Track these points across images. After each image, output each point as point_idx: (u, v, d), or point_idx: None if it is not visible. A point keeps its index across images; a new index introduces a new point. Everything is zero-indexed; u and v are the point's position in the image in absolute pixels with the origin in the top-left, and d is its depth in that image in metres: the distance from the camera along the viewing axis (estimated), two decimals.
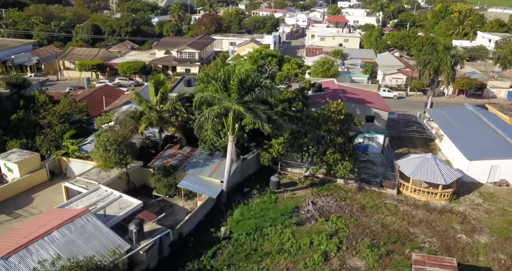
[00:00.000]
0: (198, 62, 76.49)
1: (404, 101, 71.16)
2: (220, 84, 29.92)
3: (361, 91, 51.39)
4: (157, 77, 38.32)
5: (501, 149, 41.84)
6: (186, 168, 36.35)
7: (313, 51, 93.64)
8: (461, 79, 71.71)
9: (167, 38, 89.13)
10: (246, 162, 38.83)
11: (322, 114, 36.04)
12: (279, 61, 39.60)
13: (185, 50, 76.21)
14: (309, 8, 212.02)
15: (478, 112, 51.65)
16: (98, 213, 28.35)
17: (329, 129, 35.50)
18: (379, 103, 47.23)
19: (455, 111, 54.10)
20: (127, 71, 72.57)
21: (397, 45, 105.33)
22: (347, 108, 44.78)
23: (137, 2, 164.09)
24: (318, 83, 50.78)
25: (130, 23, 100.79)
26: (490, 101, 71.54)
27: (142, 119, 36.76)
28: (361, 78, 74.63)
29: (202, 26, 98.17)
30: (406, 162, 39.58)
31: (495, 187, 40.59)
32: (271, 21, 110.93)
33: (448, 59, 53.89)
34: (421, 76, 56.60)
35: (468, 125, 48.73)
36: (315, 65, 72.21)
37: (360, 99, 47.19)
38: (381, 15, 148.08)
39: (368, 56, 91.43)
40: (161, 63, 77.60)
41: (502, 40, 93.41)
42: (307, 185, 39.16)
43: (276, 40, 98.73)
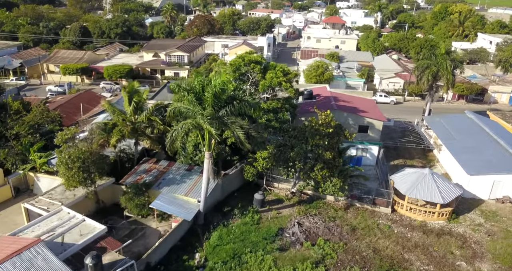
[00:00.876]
0: (187, 65, 73.46)
1: (402, 107, 68.15)
2: (192, 97, 26.92)
3: (355, 99, 48.38)
4: (131, 85, 35.31)
5: (504, 163, 38.84)
6: (161, 186, 33.33)
7: (308, 53, 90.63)
8: (461, 84, 68.71)
9: (156, 41, 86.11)
10: (228, 178, 35.82)
11: (309, 127, 33.00)
12: (264, 68, 36.56)
13: (174, 53, 73.18)
14: (307, 9, 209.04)
15: (479, 121, 48.65)
16: (55, 240, 25.36)
17: (317, 144, 32.46)
18: (373, 112, 44.22)
19: (454, 119, 51.09)
20: (112, 75, 69.56)
21: (395, 47, 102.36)
22: (339, 117, 42.05)
23: (131, 2, 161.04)
24: (309, 90, 47.79)
25: (120, 24, 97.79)
26: (491, 106, 68.60)
27: (113, 131, 33.75)
28: (357, 83, 71.61)
29: (194, 28, 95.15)
30: (401, 177, 36.56)
31: (497, 204, 37.60)
32: (266, 22, 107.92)
33: (447, 64, 50.86)
34: (419, 82, 53.55)
35: (469, 135, 45.72)
36: (309, 69, 69.27)
37: (353, 107, 44.18)
38: (380, 16, 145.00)
39: (365, 59, 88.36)
40: (149, 67, 74.59)
41: (503, 42, 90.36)
42: (294, 203, 36.15)
43: (270, 42, 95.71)
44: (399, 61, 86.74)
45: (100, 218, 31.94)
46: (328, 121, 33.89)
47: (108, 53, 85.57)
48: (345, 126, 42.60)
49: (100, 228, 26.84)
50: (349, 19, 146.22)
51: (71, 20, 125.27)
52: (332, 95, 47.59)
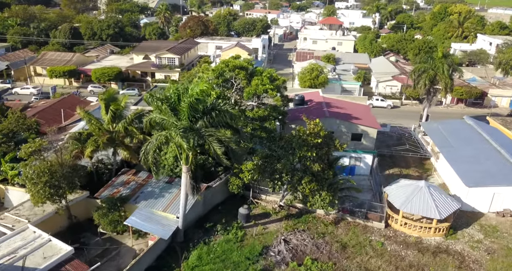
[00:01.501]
0: (178, 68, 71.33)
1: (399, 111, 66.04)
2: (166, 107, 24.79)
3: (349, 104, 46.25)
4: (109, 92, 33.15)
5: (505, 173, 36.71)
6: (138, 200, 31.21)
7: (304, 55, 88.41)
8: (460, 87, 66.60)
9: (147, 42, 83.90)
10: (211, 190, 33.69)
11: (296, 137, 30.86)
12: (250, 74, 34.42)
13: (164, 56, 71.04)
14: (305, 9, 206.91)
15: (478, 127, 46.52)
16: (16, 264, 23.25)
17: (304, 156, 30.32)
18: (367, 119, 42.09)
19: (453, 125, 48.96)
20: (100, 78, 67.42)
21: (393, 49, 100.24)
22: (331, 125, 40.01)
23: (126, 2, 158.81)
24: (300, 95, 45.67)
25: (112, 25, 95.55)
26: (492, 111, 66.50)
27: (88, 142, 31.63)
28: (353, 86, 69.46)
29: (187, 29, 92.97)
30: (396, 190, 34.42)
31: (498, 218, 35.49)
32: (261, 23, 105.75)
33: (445, 68, 48.74)
34: (416, 86, 51.44)
35: (467, 143, 43.60)
36: (303, 72, 67.13)
37: (346, 114, 42.04)
38: (378, 16, 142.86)
39: (361, 61, 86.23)
40: (139, 69, 72.47)
41: (503, 44, 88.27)
42: (282, 217, 34.03)
43: (265, 44, 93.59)
44: (397, 64, 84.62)
45: (72, 235, 29.93)
46: (317, 130, 31.74)
47: (98, 55, 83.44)
48: (337, 134, 40.80)
49: (66, 250, 24.73)
50: (347, 20, 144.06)
51: (64, 21, 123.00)
52: (325, 101, 45.46)
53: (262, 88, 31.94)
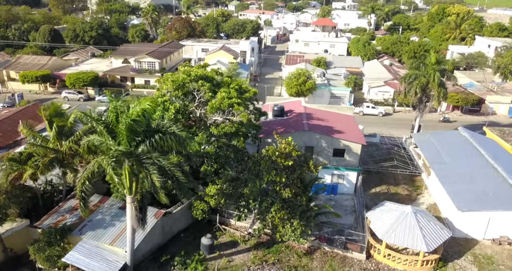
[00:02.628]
0: (158, 73, 67.53)
1: (391, 119, 62.24)
2: (102, 128, 21.07)
3: (332, 116, 42.51)
4: (53, 107, 29.37)
5: (502, 196, 32.96)
6: (85, 230, 27.46)
7: (294, 59, 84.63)
8: (455, 93, 62.86)
9: (129, 45, 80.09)
10: (171, 217, 29.94)
11: (265, 159, 27.09)
12: (216, 85, 30.65)
13: (144, 60, 67.27)
14: (301, 9, 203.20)
15: (473, 140, 42.73)
16: None
17: (273, 180, 26.56)
18: (351, 133, 38.32)
19: (446, 137, 45.24)
20: (75, 84, 63.66)
21: (388, 52, 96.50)
22: (310, 140, 36.36)
23: (117, 3, 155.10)
24: (280, 106, 41.90)
25: (95, 27, 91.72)
26: (489, 118, 62.75)
27: (28, 163, 27.88)
28: (342, 92, 65.71)
29: (173, 31, 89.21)
30: (379, 215, 30.67)
31: (493, 246, 31.75)
32: (251, 25, 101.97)
33: (436, 76, 44.98)
34: (407, 94, 47.71)
35: (461, 158, 39.86)
36: (290, 78, 63.40)
37: (328, 127, 38.29)
38: (374, 17, 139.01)
39: (354, 65, 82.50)
40: (117, 74, 68.70)
41: (502, 47, 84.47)
42: (251, 246, 30.31)
43: (254, 46, 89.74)
44: (391, 68, 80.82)
45: None
46: (289, 150, 27.98)
47: (78, 59, 79.68)
48: (318, 150, 37.17)
49: None
50: (342, 21, 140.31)
51: (50, 22, 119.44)
52: (306, 112, 41.71)
53: (228, 103, 28.13)
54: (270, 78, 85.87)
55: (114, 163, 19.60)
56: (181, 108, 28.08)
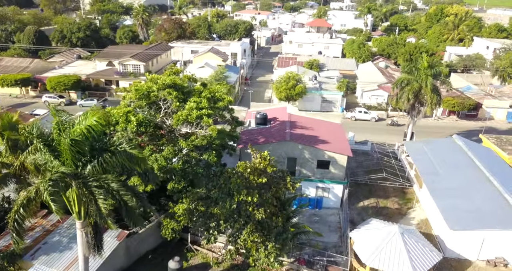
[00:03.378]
0: (144, 76, 65.03)
1: (384, 124, 59.76)
2: (42, 146, 18.65)
3: (319, 124, 40.08)
4: (6, 118, 26.87)
5: (497, 213, 30.52)
6: (38, 254, 24.99)
7: (286, 61, 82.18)
8: (451, 98, 60.39)
9: (114, 47, 77.53)
10: (137, 237, 27.51)
11: (235, 177, 24.62)
12: (187, 93, 28.17)
13: (128, 62, 64.83)
14: (298, 10, 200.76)
15: (468, 150, 40.27)
16: None
17: (245, 201, 24.10)
18: (337, 144, 35.87)
19: (440, 146, 42.80)
20: (56, 88, 61.20)
21: (384, 53, 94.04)
22: (292, 150, 33.93)
23: (110, 3, 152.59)
24: (263, 113, 39.41)
25: (83, 28, 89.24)
26: (486, 124, 60.37)
27: None
28: (334, 96, 63.33)
29: (162, 32, 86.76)
30: (364, 235, 28.21)
31: (488, 268, 29.33)
32: (244, 26, 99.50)
33: (429, 81, 42.51)
34: (399, 100, 45.26)
35: (455, 169, 37.40)
36: (279, 81, 61.04)
37: (312, 137, 35.83)
38: (370, 18, 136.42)
39: (348, 67, 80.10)
40: (101, 77, 66.22)
41: (501, 49, 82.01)
42: (224, 269, 27.85)
43: (246, 48, 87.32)
44: (386, 70, 78.34)
45: None
46: (264, 166, 25.52)
47: (63, 61, 77.19)
48: (301, 161, 34.76)
49: None
50: (339, 22, 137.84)
51: (40, 22, 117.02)
52: (290, 120, 39.23)
53: (196, 114, 25.63)
54: (261, 81, 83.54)
55: (52, 186, 17.11)
56: (145, 120, 25.61)
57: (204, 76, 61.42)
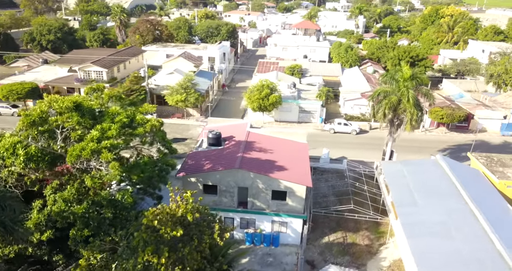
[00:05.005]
0: (107, 83, 59.94)
1: (366, 138, 54.60)
2: None
3: (280, 144, 34.91)
4: None
5: (480, 258, 25.40)
6: None
7: (267, 66, 77.06)
8: (439, 108, 55.18)
9: (80, 51, 72.10)
10: None
11: (142, 230, 19.43)
12: (100, 117, 23.04)
13: (89, 69, 59.66)
14: (291, 10, 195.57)
15: (452, 174, 35.14)
16: None
17: (149, 261, 18.92)
18: (297, 170, 30.72)
19: (421, 168, 37.76)
20: (8, 96, 56.06)
21: (373, 57, 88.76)
22: (243, 179, 28.85)
23: (96, 3, 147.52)
24: (215, 132, 34.16)
25: (54, 30, 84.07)
26: (478, 136, 55.20)
27: None
28: (313, 106, 58.17)
29: (137, 35, 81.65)
30: None
31: None
32: (226, 28, 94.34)
33: (411, 95, 37.37)
34: (376, 115, 40.12)
35: (436, 198, 32.30)
36: (252, 90, 55.89)
37: (268, 163, 30.69)
38: (362, 19, 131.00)
39: (332, 73, 74.95)
40: (60, 84, 61.06)
41: (495, 54, 76.86)
42: None
43: (226, 51, 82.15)
44: (372, 76, 73.15)
45: None
46: (183, 213, 20.33)
47: (27, 66, 72.04)
48: (253, 191, 29.64)
49: None
50: (330, 23, 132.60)
51: (17, 23, 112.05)
52: (247, 140, 34.09)
53: (91, 148, 20.42)
54: (242, 88, 78.24)
55: None
56: (37, 154, 20.47)
57: (172, 84, 56.47)
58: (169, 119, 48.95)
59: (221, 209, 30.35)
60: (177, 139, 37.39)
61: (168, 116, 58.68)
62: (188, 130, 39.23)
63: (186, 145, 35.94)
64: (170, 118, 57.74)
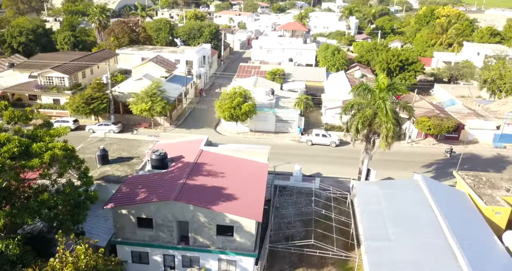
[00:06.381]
0: (69, 90, 55.67)
1: (346, 150, 50.10)
2: None
3: (235, 166, 30.53)
4: None
5: None
6: None
7: (248, 70, 72.71)
8: (426, 118, 50.82)
9: (45, 55, 67.31)
10: None
11: None
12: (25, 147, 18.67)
13: (50, 74, 55.31)
14: (285, 10, 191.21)
15: (433, 199, 30.79)
16: None
17: None
18: (247, 200, 26.33)
19: (398, 191, 33.46)
20: None
21: (362, 60, 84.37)
22: (182, 213, 24.59)
23: (83, 3, 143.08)
24: (160, 153, 29.73)
25: (26, 32, 79.68)
26: (468, 148, 50.93)
27: None
28: (290, 115, 53.83)
29: (112, 37, 77.28)
30: None
31: None
32: (209, 29, 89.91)
33: (388, 107, 33.00)
34: (349, 129, 35.76)
35: (412, 231, 28.02)
36: (223, 98, 51.56)
37: (215, 191, 26.33)
38: (355, 20, 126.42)
39: (316, 78, 70.61)
40: (18, 91, 56.76)
41: (490, 58, 72.44)
42: None
43: (206, 54, 77.78)
44: (360, 81, 68.53)
45: None
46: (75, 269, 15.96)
47: None
48: (194, 226, 25.33)
49: None
50: (321, 24, 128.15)
51: None
52: (198, 161, 29.72)
53: None
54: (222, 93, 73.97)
55: None
56: None
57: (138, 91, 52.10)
58: (117, 134, 44.40)
59: (159, 245, 26.11)
60: (122, 158, 32.99)
61: (135, 126, 54.55)
62: (138, 147, 34.93)
63: (130, 166, 31.65)
64: (137, 128, 53.66)
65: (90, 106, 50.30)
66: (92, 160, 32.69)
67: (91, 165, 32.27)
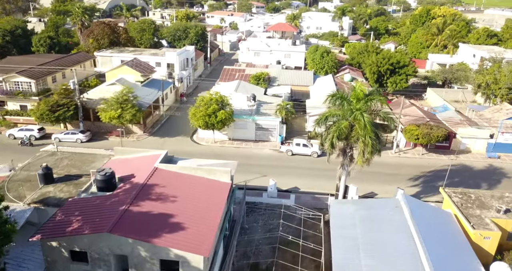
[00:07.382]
0: (36, 96, 52.36)
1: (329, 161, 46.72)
2: None
3: (191, 186, 27.21)
4: None
5: None
6: None
7: (232, 74, 69.46)
8: (415, 127, 47.51)
9: (15, 58, 63.90)
10: None
11: None
12: None
13: (15, 79, 52.02)
14: (280, 10, 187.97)
15: (413, 223, 27.46)
16: None
17: None
18: (197, 230, 23.01)
19: (377, 213, 30.15)
20: None
21: (353, 63, 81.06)
22: (120, 246, 21.29)
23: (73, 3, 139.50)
24: (106, 173, 26.33)
25: (1, 33, 76.35)
26: (460, 158, 47.74)
27: None
28: (271, 123, 50.57)
29: (91, 39, 73.96)
30: None
31: None
32: (195, 30, 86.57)
33: (367, 119, 29.72)
34: (324, 143, 32.45)
35: (388, 262, 24.67)
36: (198, 105, 48.27)
37: (160, 220, 23.03)
38: (348, 20, 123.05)
39: (303, 82, 67.42)
40: None
41: (485, 61, 69.13)
42: None
43: (189, 57, 74.50)
44: (347, 85, 65.33)
45: None
46: None
47: None
48: (135, 261, 22.04)
49: None
50: (314, 24, 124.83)
51: None
52: (148, 182, 26.41)
53: None
54: None
55: None
56: None
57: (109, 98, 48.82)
58: (70, 148, 39.30)
59: None
60: (70, 177, 29.66)
61: (106, 134, 51.28)
62: (92, 163, 31.62)
63: (77, 186, 28.32)
64: (108, 136, 50.43)
65: (55, 114, 47.04)
66: (36, 179, 29.39)
67: (34, 184, 29.07)
